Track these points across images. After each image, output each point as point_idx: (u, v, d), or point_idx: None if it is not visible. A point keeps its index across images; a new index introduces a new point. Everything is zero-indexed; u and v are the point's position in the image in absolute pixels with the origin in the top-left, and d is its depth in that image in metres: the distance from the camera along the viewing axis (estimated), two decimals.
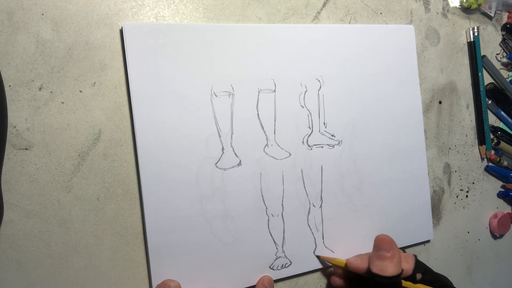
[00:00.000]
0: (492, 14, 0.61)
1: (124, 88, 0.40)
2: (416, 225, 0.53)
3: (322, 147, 0.47)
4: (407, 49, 0.53)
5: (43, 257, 0.37)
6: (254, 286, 0.43)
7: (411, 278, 0.41)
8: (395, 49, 0.52)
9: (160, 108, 0.40)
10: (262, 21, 0.46)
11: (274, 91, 0.45)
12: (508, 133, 0.63)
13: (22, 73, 0.36)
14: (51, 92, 0.37)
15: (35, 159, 0.37)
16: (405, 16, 0.55)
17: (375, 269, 0.39)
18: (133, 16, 0.40)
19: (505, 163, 0.62)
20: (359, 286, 0.45)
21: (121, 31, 0.39)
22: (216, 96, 0.42)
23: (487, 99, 0.60)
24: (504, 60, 0.63)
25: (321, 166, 0.47)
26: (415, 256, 0.43)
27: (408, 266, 0.41)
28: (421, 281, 0.41)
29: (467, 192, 0.60)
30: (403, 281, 0.40)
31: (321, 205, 0.47)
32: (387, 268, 0.39)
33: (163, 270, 0.39)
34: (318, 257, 0.46)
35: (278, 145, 0.45)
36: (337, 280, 0.46)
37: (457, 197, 0.59)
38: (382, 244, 0.41)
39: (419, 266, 0.42)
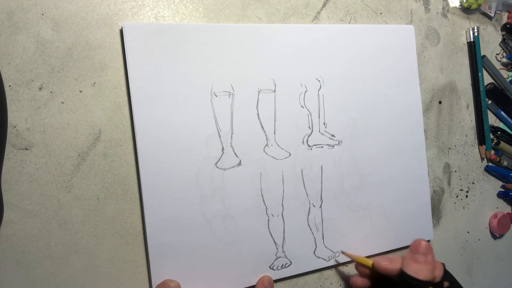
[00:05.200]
0: (492, 14, 0.61)
1: (124, 88, 0.40)
2: (416, 225, 0.53)
3: (322, 147, 0.47)
4: (407, 49, 0.53)
5: (43, 257, 0.37)
6: (254, 286, 0.43)
7: (439, 285, 0.41)
8: (395, 49, 0.52)
9: (160, 108, 0.40)
10: (262, 21, 0.46)
11: (274, 91, 0.45)
12: (508, 133, 0.63)
13: (22, 73, 0.36)
14: (51, 92, 0.37)
15: (35, 159, 0.37)
16: (405, 16, 0.55)
17: (410, 271, 0.39)
18: (133, 16, 0.40)
19: (505, 163, 0.62)
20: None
21: (121, 31, 0.39)
22: (216, 96, 0.42)
23: (487, 99, 0.60)
24: (504, 60, 0.63)
25: (321, 166, 0.47)
26: (444, 264, 0.43)
27: (437, 273, 0.41)
28: None
29: (467, 192, 0.60)
30: None
31: (321, 205, 0.47)
32: (421, 272, 0.39)
33: (163, 270, 0.39)
34: (343, 252, 0.47)
35: (278, 145, 0.45)
36: (358, 281, 0.45)
37: (457, 197, 0.59)
38: (419, 248, 0.41)
39: (447, 274, 0.42)
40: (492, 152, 0.61)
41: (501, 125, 0.63)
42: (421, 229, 0.53)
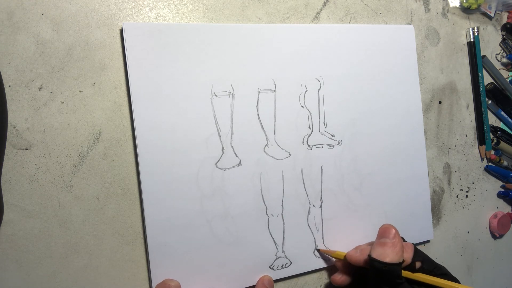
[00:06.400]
0: (492, 14, 0.61)
1: (124, 88, 0.40)
2: (416, 225, 0.53)
3: (322, 147, 0.47)
4: (407, 49, 0.53)
5: (43, 257, 0.37)
6: (254, 286, 0.43)
7: (410, 267, 0.41)
8: (395, 49, 0.52)
9: (160, 108, 0.40)
10: (262, 21, 0.46)
11: (274, 91, 0.45)
12: (508, 133, 0.63)
13: (22, 73, 0.36)
14: (51, 92, 0.37)
15: (35, 159, 0.37)
16: (405, 16, 0.55)
17: (375, 255, 0.40)
18: (133, 16, 0.40)
19: (505, 163, 0.62)
20: (361, 284, 0.45)
21: (121, 31, 0.39)
22: (216, 96, 0.42)
23: (487, 99, 0.60)
24: (504, 60, 0.63)
25: (321, 166, 0.47)
26: (414, 245, 0.43)
27: (407, 255, 0.41)
28: (420, 270, 0.41)
29: (467, 192, 0.60)
30: (403, 271, 0.40)
31: (321, 205, 0.47)
32: (387, 255, 0.39)
33: (163, 270, 0.39)
34: (318, 250, 0.46)
35: (278, 145, 0.45)
36: (337, 278, 0.45)
37: (457, 197, 0.59)
38: (385, 232, 0.41)
39: (418, 254, 0.42)
40: (492, 152, 0.61)
41: (501, 125, 0.63)
42: (421, 229, 0.53)
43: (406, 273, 0.40)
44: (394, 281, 0.39)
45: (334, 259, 0.47)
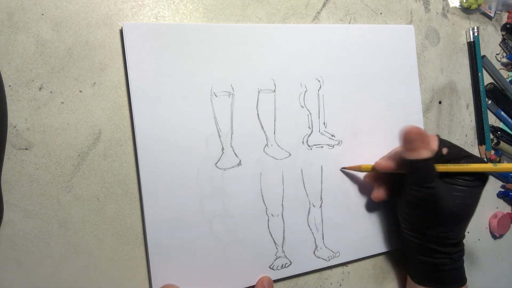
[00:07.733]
0: (492, 14, 0.61)
1: (124, 88, 0.40)
2: None
3: (322, 147, 0.47)
4: (407, 49, 0.53)
5: (43, 257, 0.37)
6: (254, 286, 0.43)
7: (438, 155, 0.42)
8: (395, 49, 0.52)
9: (160, 108, 0.40)
10: (262, 21, 0.46)
11: (274, 91, 0.45)
12: (508, 133, 0.63)
13: (22, 73, 0.36)
14: (51, 92, 0.37)
15: (35, 159, 0.37)
16: (405, 16, 0.55)
17: (409, 156, 0.40)
18: (133, 16, 0.40)
19: (505, 163, 0.62)
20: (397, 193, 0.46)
21: (121, 31, 0.39)
22: (216, 96, 0.42)
23: (487, 99, 0.60)
24: (504, 60, 0.63)
25: (321, 166, 0.47)
26: (438, 135, 0.44)
27: (434, 144, 0.42)
28: (447, 156, 0.42)
29: None
30: (436, 165, 0.41)
31: (321, 205, 0.47)
32: (419, 153, 0.40)
33: (163, 270, 0.39)
34: (344, 168, 0.47)
35: (278, 145, 0.45)
36: (375, 194, 0.47)
37: None
38: (411, 135, 0.41)
39: (443, 142, 0.43)
40: (492, 152, 0.61)
41: (501, 125, 0.63)
42: None
43: (440, 167, 0.41)
44: (431, 177, 0.40)
45: (364, 176, 0.47)
